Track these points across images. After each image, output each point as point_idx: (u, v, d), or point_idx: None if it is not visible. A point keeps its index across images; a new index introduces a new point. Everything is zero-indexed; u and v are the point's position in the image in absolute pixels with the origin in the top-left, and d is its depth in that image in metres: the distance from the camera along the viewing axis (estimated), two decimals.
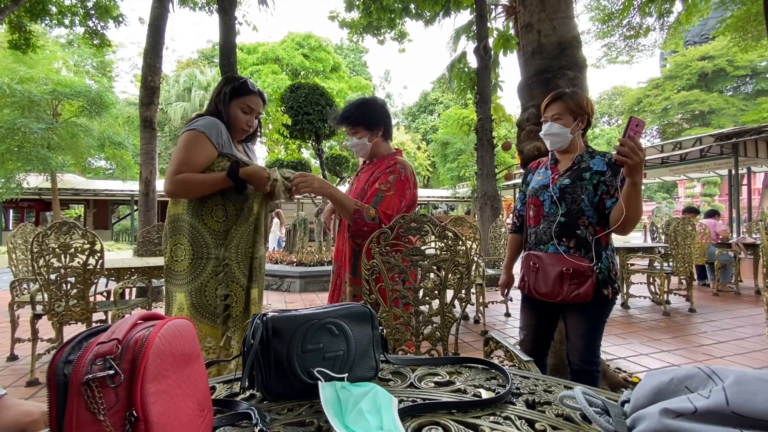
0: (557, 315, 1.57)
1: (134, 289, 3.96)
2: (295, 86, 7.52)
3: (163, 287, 1.61)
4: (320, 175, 8.56)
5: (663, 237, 6.20)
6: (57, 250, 2.42)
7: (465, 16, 8.85)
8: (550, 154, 1.59)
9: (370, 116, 1.67)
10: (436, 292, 1.43)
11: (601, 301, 1.40)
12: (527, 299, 1.60)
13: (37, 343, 2.56)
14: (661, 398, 0.47)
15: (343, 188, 1.88)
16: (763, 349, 3.07)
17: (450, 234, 1.43)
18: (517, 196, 1.74)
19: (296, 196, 1.50)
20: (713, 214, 6.18)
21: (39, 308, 2.60)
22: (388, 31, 8.67)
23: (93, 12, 7.35)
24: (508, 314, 4.33)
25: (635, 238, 14.86)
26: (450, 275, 1.41)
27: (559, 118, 1.46)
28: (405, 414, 0.59)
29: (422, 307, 1.44)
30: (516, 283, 1.67)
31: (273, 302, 5.25)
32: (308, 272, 6.18)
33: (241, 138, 1.54)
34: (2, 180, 13.05)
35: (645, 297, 4.75)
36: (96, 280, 2.55)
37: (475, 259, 3.83)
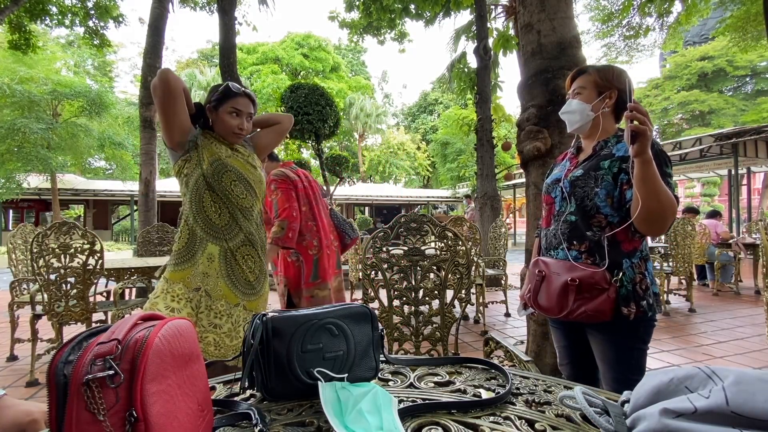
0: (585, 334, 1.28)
1: (134, 290, 3.96)
2: (294, 86, 7.52)
3: None
4: (320, 174, 8.56)
5: (663, 237, 6.21)
6: (57, 250, 2.42)
7: (465, 17, 8.86)
8: (574, 141, 1.36)
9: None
10: (436, 292, 1.44)
11: (625, 323, 1.11)
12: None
13: (36, 343, 2.56)
14: (661, 398, 0.47)
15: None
16: (763, 349, 3.07)
17: (450, 234, 1.43)
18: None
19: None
20: (715, 214, 6.18)
21: (39, 308, 2.59)
22: (388, 31, 8.68)
23: (93, 12, 7.36)
24: (508, 314, 4.33)
25: None
26: (450, 275, 1.41)
27: (580, 92, 1.24)
28: (405, 414, 0.59)
29: (422, 307, 1.44)
30: (521, 291, 1.43)
31: (273, 302, 5.25)
32: None
33: (237, 142, 1.51)
34: (2, 180, 13.05)
35: None
36: (96, 281, 2.54)
37: (475, 259, 3.84)
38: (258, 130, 1.65)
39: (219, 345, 1.37)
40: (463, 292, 1.41)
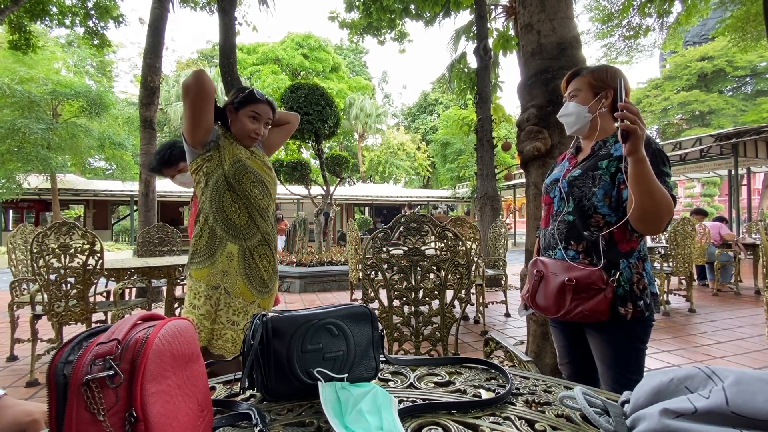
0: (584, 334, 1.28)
1: (134, 290, 3.96)
2: (294, 86, 7.51)
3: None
4: (320, 174, 8.57)
5: (663, 237, 6.22)
6: (57, 250, 2.42)
7: (465, 17, 8.88)
8: (573, 142, 1.36)
9: (179, 152, 1.91)
10: (436, 292, 1.44)
11: (623, 322, 1.11)
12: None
13: (36, 343, 2.56)
14: (661, 398, 0.47)
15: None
16: (763, 349, 3.07)
17: (450, 234, 1.43)
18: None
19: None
20: (721, 220, 6.19)
21: (39, 308, 2.59)
22: (388, 31, 8.68)
23: (93, 12, 7.36)
24: (508, 314, 4.33)
25: None
26: (450, 275, 1.41)
27: (575, 95, 1.24)
28: (405, 414, 0.59)
29: (422, 308, 1.44)
30: (522, 291, 1.43)
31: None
32: (308, 272, 6.18)
33: (251, 145, 1.54)
34: (2, 180, 13.04)
35: None
36: (96, 281, 2.54)
37: (475, 259, 3.84)
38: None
39: (236, 342, 1.40)
40: (463, 292, 1.41)
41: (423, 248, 1.45)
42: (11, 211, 19.00)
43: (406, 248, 1.45)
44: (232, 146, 1.46)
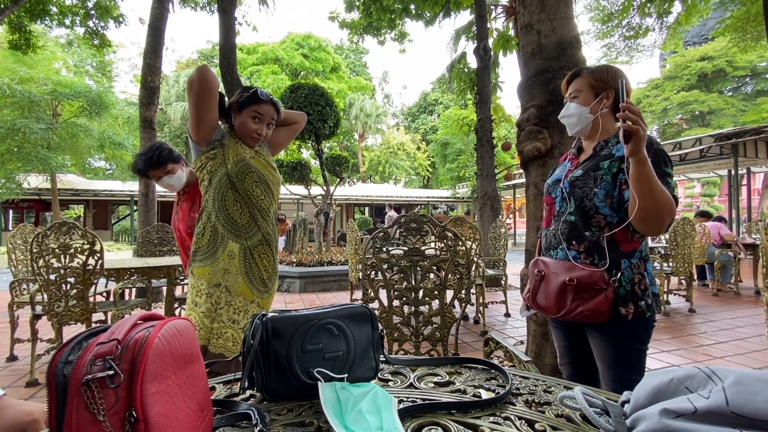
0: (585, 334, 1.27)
1: (134, 290, 3.96)
2: (294, 87, 7.51)
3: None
4: (320, 174, 8.56)
5: (663, 237, 6.22)
6: (57, 250, 2.42)
7: (465, 17, 8.88)
8: (575, 142, 1.35)
9: (167, 153, 1.95)
10: (436, 292, 1.44)
11: (623, 323, 1.11)
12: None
13: (36, 343, 2.56)
14: (661, 398, 0.47)
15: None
16: (763, 349, 3.07)
17: (450, 234, 1.43)
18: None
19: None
20: (721, 219, 6.19)
21: (39, 308, 2.59)
22: (389, 31, 8.69)
23: (93, 12, 7.36)
24: (508, 314, 4.33)
25: None
26: (450, 275, 1.41)
27: (576, 96, 1.24)
28: (405, 414, 0.59)
29: (422, 308, 1.44)
30: (523, 292, 1.42)
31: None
32: (308, 272, 6.18)
33: (253, 145, 1.54)
34: (2, 180, 13.04)
35: None
36: (96, 281, 2.54)
37: (475, 259, 3.84)
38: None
39: (236, 341, 1.41)
40: (463, 292, 1.41)
41: (423, 248, 1.45)
42: (11, 211, 19.00)
43: (406, 248, 1.45)
44: (236, 145, 1.46)
